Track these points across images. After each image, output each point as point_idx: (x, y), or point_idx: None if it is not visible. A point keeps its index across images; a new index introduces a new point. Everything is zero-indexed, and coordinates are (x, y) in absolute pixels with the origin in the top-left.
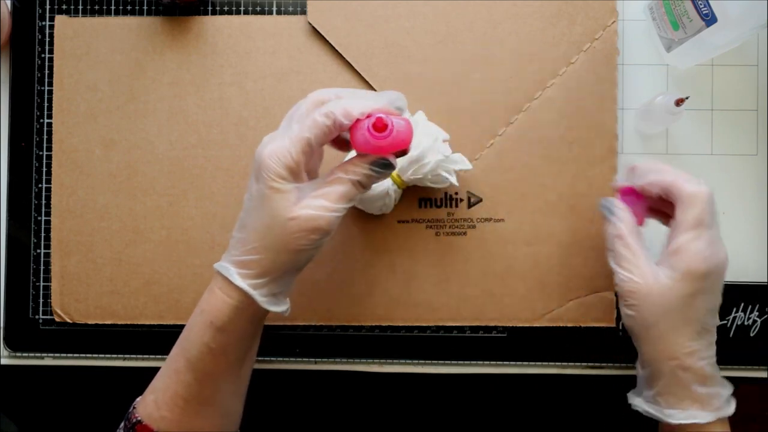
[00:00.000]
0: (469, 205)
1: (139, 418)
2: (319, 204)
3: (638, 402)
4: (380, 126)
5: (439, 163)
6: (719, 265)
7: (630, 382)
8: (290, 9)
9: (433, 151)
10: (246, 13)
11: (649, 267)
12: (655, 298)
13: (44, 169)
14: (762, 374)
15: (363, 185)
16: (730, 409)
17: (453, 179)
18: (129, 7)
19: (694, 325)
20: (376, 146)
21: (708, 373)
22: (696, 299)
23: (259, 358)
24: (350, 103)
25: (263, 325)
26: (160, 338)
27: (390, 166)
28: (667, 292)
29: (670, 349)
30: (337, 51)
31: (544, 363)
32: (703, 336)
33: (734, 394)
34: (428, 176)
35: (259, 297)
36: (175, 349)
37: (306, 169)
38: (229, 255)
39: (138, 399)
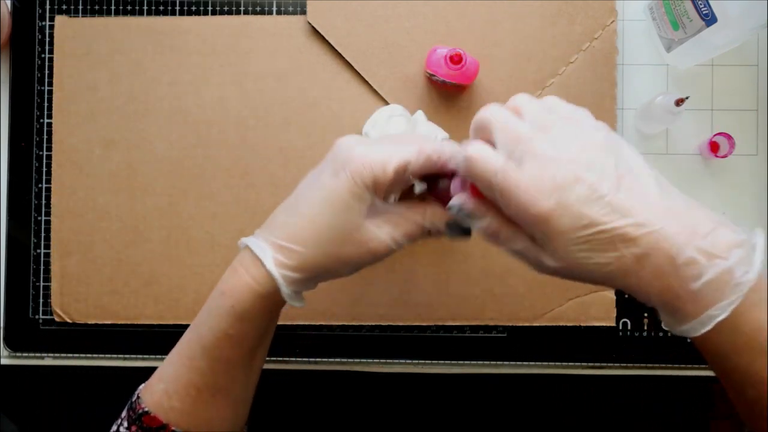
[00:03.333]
0: None
1: (146, 409)
2: (388, 231)
3: (672, 328)
4: (456, 59)
5: None
6: (561, 186)
7: (630, 382)
8: (290, 9)
9: None
10: (246, 13)
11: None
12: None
13: (44, 169)
14: None
15: (430, 234)
16: (755, 271)
17: None
18: (129, 7)
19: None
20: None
21: (697, 260)
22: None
23: None
24: (457, 149)
25: (279, 315)
26: (160, 338)
27: (467, 234)
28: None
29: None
30: (337, 51)
31: (544, 363)
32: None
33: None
34: None
35: (286, 289)
36: (189, 335)
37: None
38: (268, 234)
39: (141, 387)
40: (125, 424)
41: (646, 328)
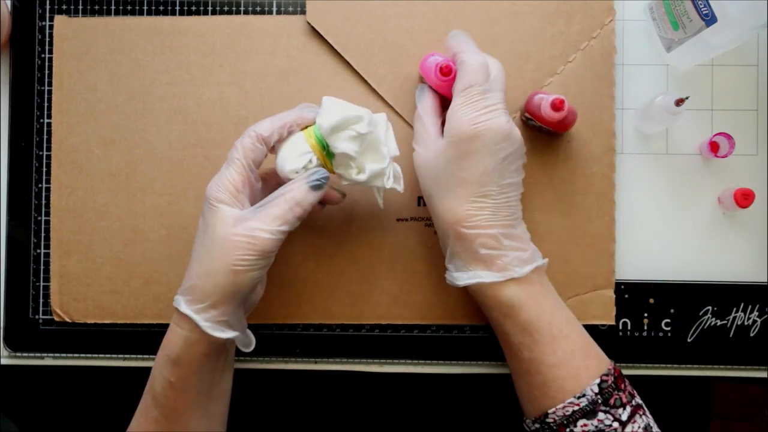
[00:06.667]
0: None
1: None
2: (255, 225)
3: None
4: (446, 70)
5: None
6: (488, 128)
7: (630, 382)
8: (289, 9)
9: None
10: (245, 13)
11: (435, 139)
12: (430, 163)
13: (44, 169)
14: (762, 374)
15: (301, 205)
16: (522, 270)
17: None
18: (129, 7)
19: (470, 189)
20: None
21: (498, 238)
22: (465, 161)
23: (260, 358)
24: (261, 123)
25: (232, 361)
26: (160, 338)
27: (324, 179)
28: (440, 155)
29: (448, 212)
30: (336, 50)
31: None
32: (484, 201)
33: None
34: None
35: (202, 322)
36: (146, 387)
37: (251, 199)
38: (180, 287)
39: None
40: None
41: (646, 328)
